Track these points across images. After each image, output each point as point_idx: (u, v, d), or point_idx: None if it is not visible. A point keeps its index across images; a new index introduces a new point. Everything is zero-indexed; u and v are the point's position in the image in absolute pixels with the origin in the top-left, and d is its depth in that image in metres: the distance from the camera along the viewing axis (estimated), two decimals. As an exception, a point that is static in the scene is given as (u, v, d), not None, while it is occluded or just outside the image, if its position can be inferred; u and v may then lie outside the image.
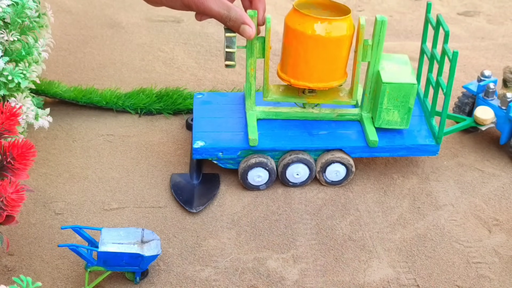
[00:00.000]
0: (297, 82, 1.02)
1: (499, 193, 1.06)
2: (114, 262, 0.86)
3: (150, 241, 0.88)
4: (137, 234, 0.88)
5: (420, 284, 0.91)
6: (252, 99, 1.06)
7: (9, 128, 0.80)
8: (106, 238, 0.86)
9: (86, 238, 0.88)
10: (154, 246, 0.88)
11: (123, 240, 0.87)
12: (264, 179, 1.04)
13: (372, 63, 1.02)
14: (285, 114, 1.08)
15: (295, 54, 0.99)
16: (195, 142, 1.04)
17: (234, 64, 1.00)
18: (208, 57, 1.42)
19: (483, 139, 1.18)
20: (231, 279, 0.90)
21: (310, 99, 1.06)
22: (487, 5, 1.68)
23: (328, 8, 1.02)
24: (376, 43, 1.00)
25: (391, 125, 1.05)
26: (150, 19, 1.56)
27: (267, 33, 1.00)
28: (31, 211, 1.00)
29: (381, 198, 1.05)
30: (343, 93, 1.07)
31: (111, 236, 0.87)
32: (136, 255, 0.85)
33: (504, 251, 0.96)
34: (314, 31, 0.96)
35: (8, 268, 0.91)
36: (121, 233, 0.88)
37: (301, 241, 0.97)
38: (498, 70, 1.36)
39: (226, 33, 0.99)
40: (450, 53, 1.00)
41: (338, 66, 1.01)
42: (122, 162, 1.11)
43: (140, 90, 1.26)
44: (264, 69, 1.03)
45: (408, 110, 1.03)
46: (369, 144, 1.03)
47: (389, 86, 1.01)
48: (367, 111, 1.07)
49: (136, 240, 0.87)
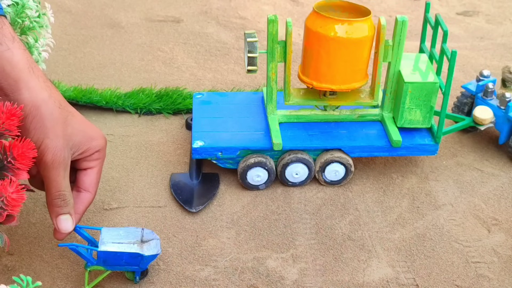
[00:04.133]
0: (320, 84, 1.02)
1: (498, 193, 1.07)
2: (114, 262, 0.86)
3: (150, 240, 0.88)
4: (137, 234, 0.88)
5: (419, 283, 0.91)
6: (273, 103, 1.06)
7: (9, 128, 0.80)
8: (106, 238, 0.87)
9: (86, 238, 0.88)
10: (154, 245, 0.88)
11: (123, 240, 0.87)
12: (264, 179, 1.05)
13: (393, 63, 1.03)
14: (307, 117, 1.08)
15: (317, 56, 0.99)
16: (194, 142, 1.04)
17: (256, 69, 1.01)
18: (207, 57, 1.42)
19: (482, 138, 1.18)
20: (231, 279, 0.91)
21: (331, 101, 1.06)
22: (486, 5, 1.68)
23: (347, 10, 1.02)
24: (397, 43, 1.01)
25: (413, 124, 1.05)
26: (150, 19, 1.56)
27: (288, 37, 0.99)
28: (31, 211, 1.00)
29: (380, 197, 1.05)
30: (364, 94, 1.07)
31: (110, 235, 0.87)
32: (136, 255, 0.85)
33: (503, 250, 0.96)
34: (336, 33, 0.96)
35: (8, 268, 0.91)
36: (121, 232, 0.88)
37: (300, 241, 0.97)
38: (497, 70, 1.36)
39: (247, 39, 0.99)
40: (449, 53, 1.00)
41: (360, 68, 1.01)
42: (121, 162, 1.11)
43: (139, 90, 1.26)
44: (286, 73, 1.03)
45: (430, 109, 1.03)
46: (392, 144, 1.04)
47: (411, 85, 1.01)
48: (388, 111, 1.08)
49: (136, 240, 0.87)
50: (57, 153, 0.80)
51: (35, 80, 0.78)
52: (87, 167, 0.87)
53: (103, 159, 0.88)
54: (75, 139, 0.83)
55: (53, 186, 0.81)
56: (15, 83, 0.77)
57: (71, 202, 0.83)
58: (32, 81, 0.78)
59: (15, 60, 0.77)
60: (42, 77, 0.80)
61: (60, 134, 0.80)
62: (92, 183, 0.87)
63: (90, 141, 0.85)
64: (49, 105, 0.79)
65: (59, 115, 0.80)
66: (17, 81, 0.77)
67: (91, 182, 0.87)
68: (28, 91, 0.78)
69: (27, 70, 0.78)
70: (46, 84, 0.80)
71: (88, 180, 0.87)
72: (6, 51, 0.77)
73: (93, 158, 0.86)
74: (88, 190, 0.87)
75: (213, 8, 1.62)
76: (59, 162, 0.80)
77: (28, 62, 0.79)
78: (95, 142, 0.86)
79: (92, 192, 0.88)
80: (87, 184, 0.87)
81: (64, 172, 0.81)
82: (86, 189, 0.87)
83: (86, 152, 0.85)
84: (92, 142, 0.85)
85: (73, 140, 0.82)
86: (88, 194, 0.87)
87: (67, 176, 0.82)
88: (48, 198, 0.83)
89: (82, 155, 0.85)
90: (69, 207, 0.83)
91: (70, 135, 0.82)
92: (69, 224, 0.84)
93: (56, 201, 0.82)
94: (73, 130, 0.82)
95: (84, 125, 0.85)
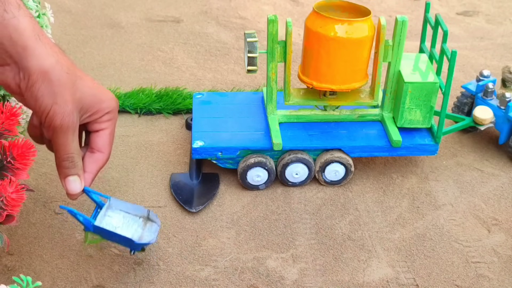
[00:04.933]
0: (320, 84, 1.02)
1: (498, 193, 1.07)
2: (108, 237, 0.86)
3: (153, 222, 0.88)
4: (144, 211, 0.88)
5: (419, 283, 0.91)
6: (273, 103, 1.06)
7: (9, 128, 0.80)
8: (114, 205, 0.87)
9: (95, 201, 0.88)
10: (153, 230, 0.88)
11: (130, 211, 0.87)
12: (263, 179, 1.05)
13: (393, 63, 1.03)
14: (307, 117, 1.08)
15: (317, 56, 0.99)
16: (194, 142, 1.04)
17: (256, 69, 1.01)
18: (207, 57, 1.42)
19: (482, 139, 1.18)
20: (231, 279, 0.91)
21: (331, 101, 1.06)
22: (486, 5, 1.68)
23: (347, 10, 1.02)
24: (397, 43, 1.01)
25: (413, 124, 1.05)
26: (150, 19, 1.56)
27: (288, 37, 0.99)
28: (31, 211, 1.00)
29: (380, 197, 1.05)
30: (364, 94, 1.07)
31: (118, 204, 0.88)
32: (127, 239, 0.85)
33: (503, 250, 0.96)
34: (336, 33, 0.96)
35: (8, 268, 0.91)
36: (129, 205, 0.88)
37: (300, 241, 0.97)
38: (497, 70, 1.36)
39: (247, 39, 0.99)
40: (449, 53, 1.00)
41: (360, 68, 1.01)
42: (121, 162, 1.11)
43: (139, 90, 1.26)
44: (286, 73, 1.03)
45: (430, 109, 1.03)
46: (392, 144, 1.04)
47: (411, 85, 1.01)
48: (388, 111, 1.08)
49: (142, 215, 0.87)
50: (65, 118, 0.81)
51: (42, 47, 0.79)
52: (99, 128, 0.88)
53: (115, 120, 0.89)
54: (84, 103, 0.84)
55: (62, 149, 0.83)
56: (22, 50, 0.78)
57: (79, 164, 0.85)
58: (39, 48, 0.78)
59: (21, 27, 0.78)
60: (49, 44, 0.80)
61: (69, 99, 0.81)
62: (105, 144, 0.89)
63: (99, 103, 0.86)
64: (56, 70, 0.79)
65: (67, 80, 0.80)
66: (24, 49, 0.78)
67: (104, 143, 0.88)
68: (35, 58, 0.78)
69: (34, 38, 0.78)
70: (53, 50, 0.80)
71: (100, 141, 0.88)
72: (12, 19, 0.77)
73: (104, 119, 0.87)
74: (101, 151, 0.89)
75: (213, 8, 1.62)
76: (68, 127, 0.81)
77: (35, 29, 0.79)
78: (105, 104, 0.86)
79: (106, 152, 0.89)
80: (100, 145, 0.88)
81: (72, 136, 0.83)
82: (99, 150, 0.88)
83: (96, 114, 0.86)
84: (102, 104, 0.86)
85: (82, 104, 0.83)
86: (102, 154, 0.89)
87: (76, 139, 0.84)
88: (57, 161, 0.84)
89: (92, 117, 0.86)
90: (77, 168, 0.85)
91: (79, 99, 0.83)
92: (77, 185, 0.85)
93: (64, 163, 0.84)
94: (82, 94, 0.83)
95: (94, 88, 0.86)
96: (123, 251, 0.94)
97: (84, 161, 0.87)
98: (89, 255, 0.93)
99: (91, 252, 0.94)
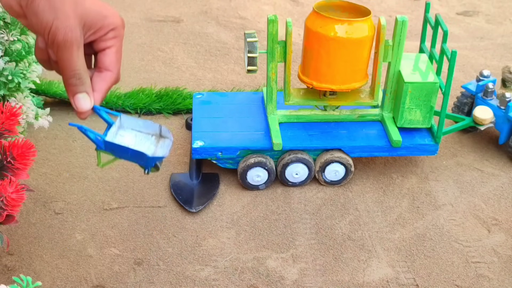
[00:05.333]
0: (320, 84, 1.02)
1: (498, 193, 1.07)
2: (120, 154, 0.84)
3: (166, 138, 0.86)
4: (155, 128, 0.87)
5: (419, 283, 0.91)
6: (273, 103, 1.06)
7: (9, 128, 0.80)
8: (125, 123, 0.85)
9: (104, 119, 0.85)
10: (166, 145, 0.86)
11: (142, 129, 0.86)
12: (263, 179, 1.05)
13: (393, 63, 1.03)
14: (307, 117, 1.08)
15: (317, 56, 0.99)
16: (194, 142, 1.04)
17: (256, 69, 1.01)
18: (207, 57, 1.42)
19: (482, 138, 1.18)
20: (231, 279, 0.91)
21: (331, 101, 1.06)
22: (486, 5, 1.68)
23: (347, 10, 1.02)
24: (397, 43, 1.01)
25: (413, 124, 1.05)
26: (150, 19, 1.56)
27: (288, 37, 0.99)
28: (31, 211, 1.00)
29: (380, 197, 1.05)
30: (364, 94, 1.07)
31: (130, 123, 0.86)
32: (141, 154, 0.83)
33: (503, 250, 0.96)
34: (336, 33, 0.96)
35: (8, 268, 0.91)
36: (140, 123, 0.87)
37: (300, 241, 0.97)
38: (497, 70, 1.36)
39: (247, 39, 0.99)
40: (449, 53, 1.00)
41: (360, 68, 1.01)
42: (121, 162, 1.11)
43: (139, 90, 1.26)
44: (286, 73, 1.03)
45: (430, 108, 1.03)
46: (392, 144, 1.04)
47: (411, 85, 1.01)
48: (388, 111, 1.08)
49: (154, 132, 0.86)
50: (68, 33, 0.80)
51: None
52: (105, 47, 0.87)
53: (121, 38, 0.88)
54: (87, 19, 0.83)
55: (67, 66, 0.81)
56: None
57: (87, 81, 0.83)
58: None
59: None
60: None
61: (71, 14, 0.80)
62: (112, 62, 0.87)
63: (103, 19, 0.85)
64: None
65: None
66: None
67: (111, 61, 0.87)
68: None
69: None
70: None
71: (107, 59, 0.87)
72: None
73: (109, 37, 0.86)
74: (108, 69, 0.87)
75: (213, 8, 1.62)
76: (71, 42, 0.80)
77: None
78: (108, 20, 0.86)
79: (114, 70, 0.88)
80: (107, 64, 0.87)
81: (77, 51, 0.81)
82: (106, 68, 0.87)
83: (100, 31, 0.85)
84: (105, 20, 0.85)
85: (84, 20, 0.82)
86: (110, 73, 0.87)
87: (81, 56, 0.82)
88: (64, 79, 0.82)
89: (97, 35, 0.85)
90: (85, 85, 0.83)
91: (82, 15, 0.82)
92: (87, 102, 0.84)
93: (71, 80, 0.82)
94: (84, 10, 0.82)
95: (97, 5, 0.85)
96: (123, 251, 0.94)
97: (92, 81, 0.85)
98: (89, 255, 0.93)
99: (91, 252, 0.94)
